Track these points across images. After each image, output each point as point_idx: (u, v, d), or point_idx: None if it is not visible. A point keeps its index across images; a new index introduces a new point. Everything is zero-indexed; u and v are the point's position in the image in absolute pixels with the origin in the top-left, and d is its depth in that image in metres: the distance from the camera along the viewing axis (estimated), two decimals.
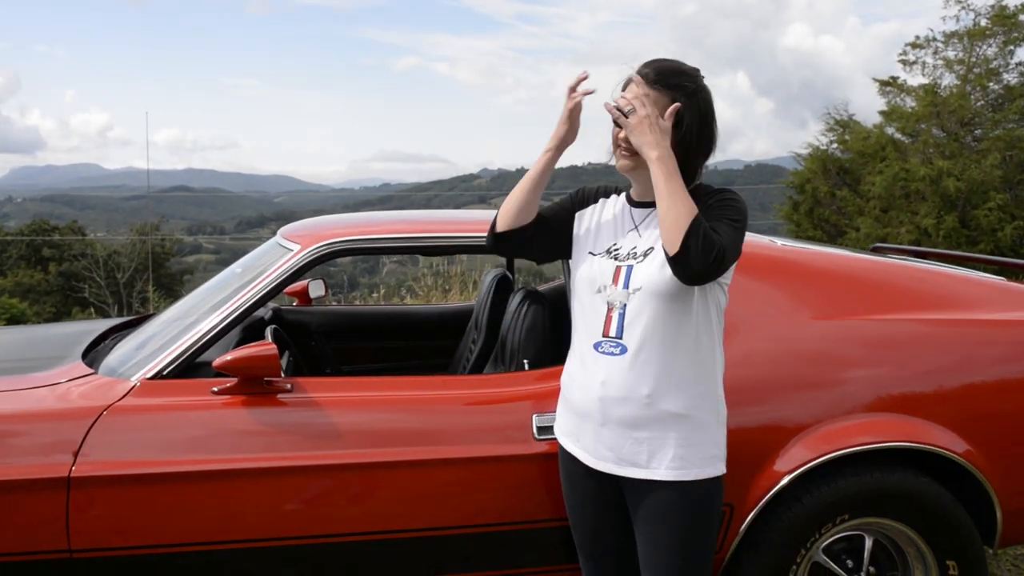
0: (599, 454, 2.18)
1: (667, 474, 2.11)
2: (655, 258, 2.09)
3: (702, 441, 2.12)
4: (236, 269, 3.27)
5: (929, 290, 2.99)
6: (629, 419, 2.12)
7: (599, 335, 2.15)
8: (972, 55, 15.69)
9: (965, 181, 14.13)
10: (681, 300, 2.07)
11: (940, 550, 2.71)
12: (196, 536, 2.43)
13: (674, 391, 2.10)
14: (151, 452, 2.44)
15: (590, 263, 2.22)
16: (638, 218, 2.22)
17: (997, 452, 2.73)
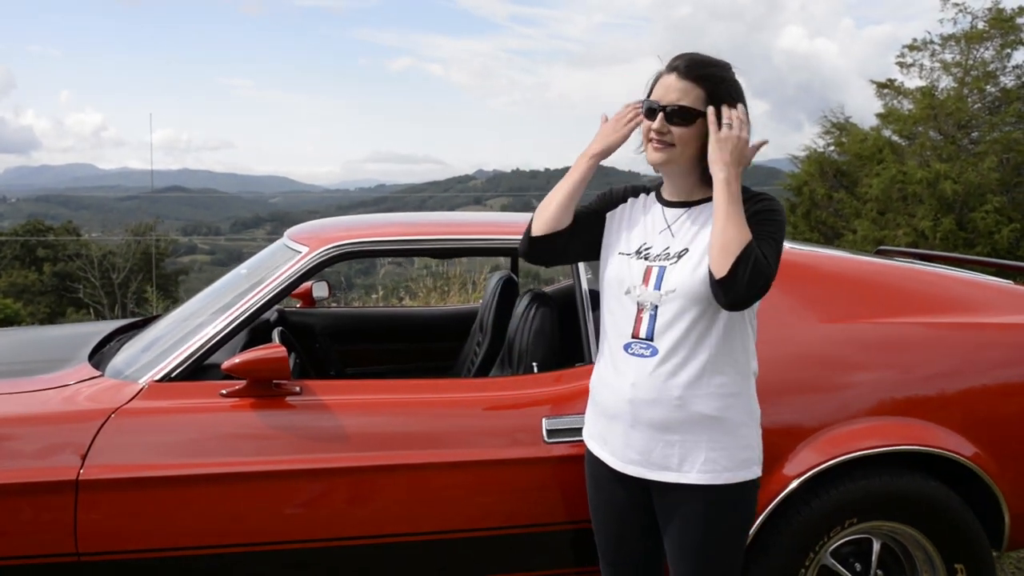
0: (628, 457, 2.16)
1: (698, 478, 2.09)
2: (689, 260, 2.07)
3: (735, 444, 2.10)
4: (242, 271, 3.26)
5: (936, 293, 2.99)
6: (660, 421, 2.09)
7: (629, 336, 2.13)
8: (969, 58, 15.73)
9: (962, 184, 14.16)
10: (715, 303, 2.04)
11: (948, 554, 2.70)
12: (206, 540, 2.42)
13: (706, 393, 2.08)
14: (160, 455, 2.43)
15: (619, 264, 2.19)
16: (671, 218, 2.18)
17: (1005, 455, 2.73)
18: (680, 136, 2.06)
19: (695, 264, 2.05)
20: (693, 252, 2.08)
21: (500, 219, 3.22)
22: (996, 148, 14.52)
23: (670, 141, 2.06)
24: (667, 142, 2.06)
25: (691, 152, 2.09)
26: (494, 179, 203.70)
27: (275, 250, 3.15)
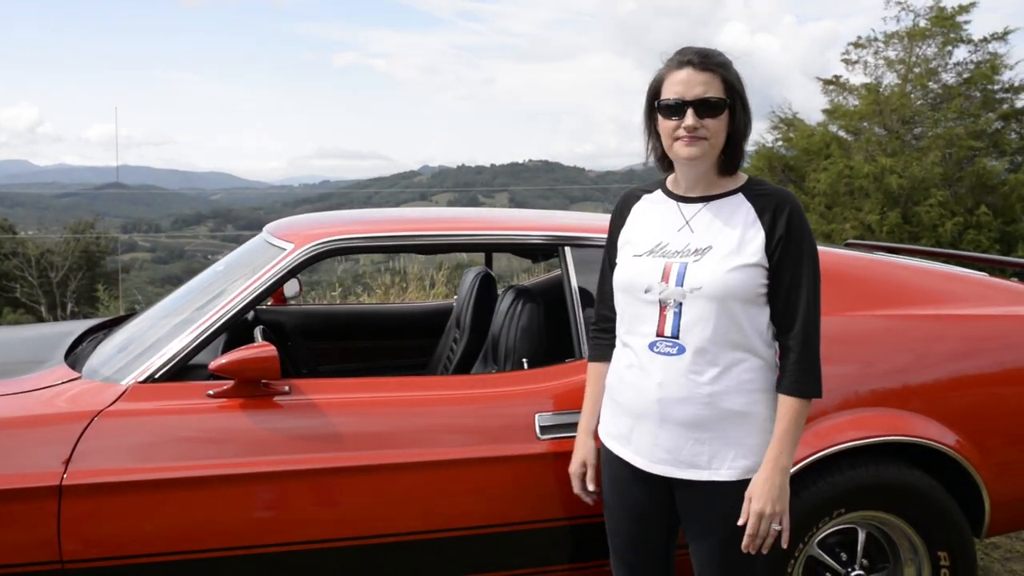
0: (655, 456, 2.13)
1: (729, 474, 2.08)
2: (714, 257, 2.05)
3: (763, 439, 2.09)
4: (218, 268, 3.19)
5: (915, 285, 3.03)
6: (690, 419, 2.08)
7: (653, 335, 2.10)
8: (912, 55, 16.03)
9: (907, 178, 14.44)
10: (742, 301, 2.04)
11: (932, 541, 2.75)
12: (199, 544, 2.36)
13: (735, 389, 2.06)
14: (146, 458, 2.36)
15: (634, 264, 2.15)
16: (688, 213, 2.15)
17: (987, 444, 2.78)
18: (712, 128, 2.03)
19: (720, 262, 2.04)
20: (718, 249, 2.06)
21: (485, 215, 3.20)
22: (939, 143, 14.84)
23: (703, 135, 2.03)
24: (700, 136, 2.03)
25: (721, 142, 2.07)
26: (440, 175, 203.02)
27: (255, 247, 3.08)
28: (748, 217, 2.07)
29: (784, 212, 2.06)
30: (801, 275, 2.05)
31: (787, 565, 2.67)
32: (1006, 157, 14.99)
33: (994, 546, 3.99)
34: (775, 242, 2.04)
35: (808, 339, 2.05)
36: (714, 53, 2.07)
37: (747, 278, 2.03)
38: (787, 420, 2.05)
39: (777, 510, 2.03)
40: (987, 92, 15.34)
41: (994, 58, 15.38)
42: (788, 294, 2.06)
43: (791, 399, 2.05)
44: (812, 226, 12.70)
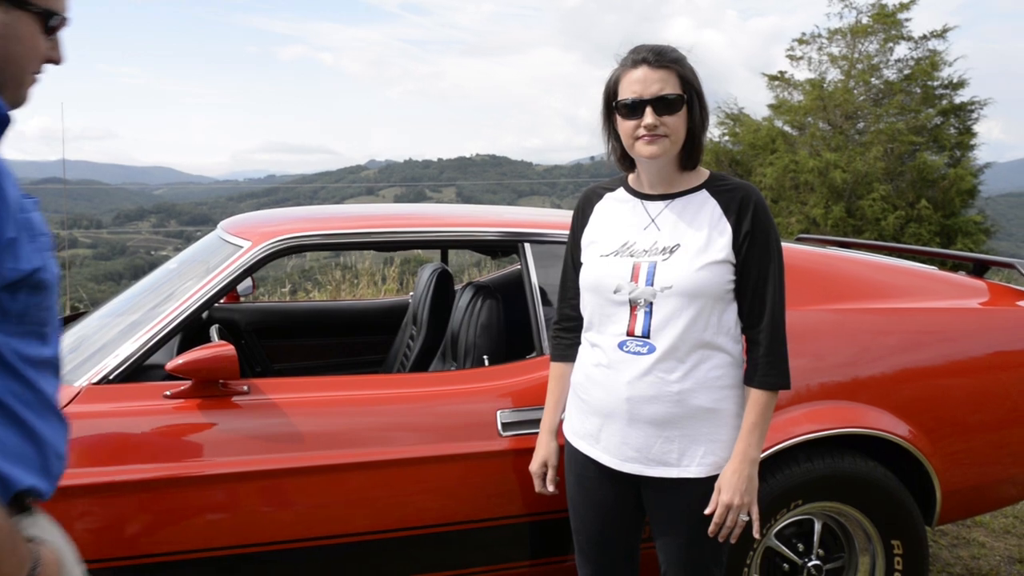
0: (625, 455, 2.14)
1: (699, 471, 2.09)
2: (683, 255, 2.05)
3: (731, 435, 2.11)
4: (171, 266, 3.14)
5: (866, 280, 3.08)
6: (659, 418, 2.08)
7: (623, 334, 2.10)
8: (855, 51, 16.33)
9: (851, 173, 14.72)
10: (712, 298, 2.05)
11: (886, 531, 2.81)
12: (158, 546, 2.32)
13: (703, 386, 2.08)
14: (101, 461, 2.31)
15: (601, 265, 2.15)
16: (653, 211, 2.15)
17: (937, 435, 2.84)
18: (672, 125, 2.03)
19: (690, 260, 2.04)
20: (686, 247, 2.06)
21: (443, 212, 3.18)
22: (881, 138, 15.13)
23: (663, 132, 2.03)
24: (660, 134, 2.03)
25: (681, 139, 2.07)
26: (386, 169, 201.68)
27: (210, 244, 3.03)
28: (714, 214, 2.08)
29: (750, 208, 2.07)
30: (768, 269, 2.07)
31: (746, 556, 2.70)
32: (946, 152, 15.34)
33: (942, 533, 4.08)
34: (742, 238, 2.06)
35: (775, 332, 2.08)
36: (668, 50, 2.07)
37: (716, 275, 2.04)
38: (756, 413, 2.08)
39: (745, 501, 2.06)
40: (927, 88, 15.68)
41: (933, 55, 15.72)
42: (756, 288, 2.08)
43: (760, 392, 2.08)
44: None
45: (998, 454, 3.00)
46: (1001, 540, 4.02)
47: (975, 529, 4.13)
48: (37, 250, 1.34)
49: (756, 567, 2.77)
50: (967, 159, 15.60)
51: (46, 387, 1.42)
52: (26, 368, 1.37)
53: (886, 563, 2.83)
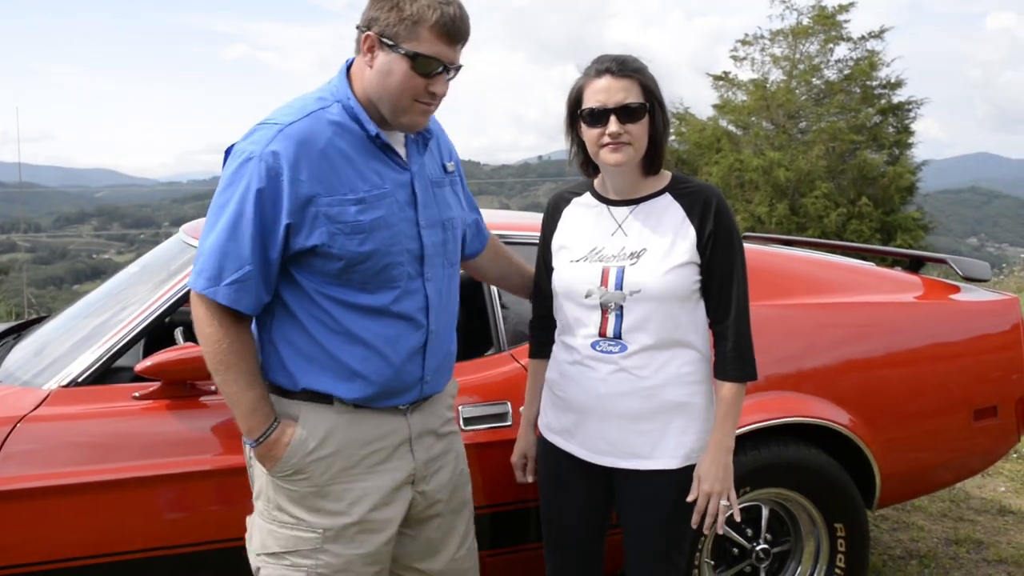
0: (599, 448, 2.22)
1: (668, 463, 2.18)
2: (650, 259, 2.13)
3: (701, 427, 2.20)
4: (133, 270, 3.17)
5: (807, 276, 3.23)
6: (632, 412, 2.17)
7: (596, 336, 2.18)
8: (796, 52, 16.72)
9: (794, 171, 15.09)
10: (680, 299, 2.14)
11: (829, 515, 2.94)
12: (129, 544, 2.37)
13: (675, 382, 2.17)
14: (72, 463, 2.35)
15: (571, 270, 2.22)
16: (619, 217, 2.23)
17: (876, 422, 2.99)
18: (635, 133, 2.10)
19: (657, 264, 2.13)
20: (652, 251, 2.14)
21: None
22: (823, 137, 15.52)
23: (626, 140, 2.10)
24: (623, 142, 2.10)
25: (644, 146, 2.14)
26: None
27: (172, 248, 3.08)
28: (677, 217, 2.17)
29: (712, 208, 2.15)
30: (732, 266, 2.17)
31: (698, 543, 2.82)
32: (885, 150, 15.78)
33: (883, 518, 4.25)
34: (706, 239, 2.14)
35: (741, 326, 2.18)
36: (631, 59, 2.15)
37: (683, 277, 2.13)
38: (727, 404, 2.17)
39: (724, 487, 2.16)
40: (866, 88, 16.13)
41: (872, 55, 16.16)
42: (721, 286, 2.17)
43: (730, 384, 2.17)
44: None
45: (934, 441, 3.16)
46: (939, 523, 4.20)
47: (914, 513, 4.31)
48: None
49: (708, 552, 2.89)
50: (905, 157, 16.08)
51: (356, 327, 1.96)
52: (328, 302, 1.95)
53: (830, 545, 2.97)
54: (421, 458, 2.12)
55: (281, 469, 1.98)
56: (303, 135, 1.88)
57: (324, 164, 1.89)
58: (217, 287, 1.89)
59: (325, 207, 1.88)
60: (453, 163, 2.20)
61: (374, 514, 2.03)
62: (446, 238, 2.10)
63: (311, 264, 1.93)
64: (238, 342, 1.93)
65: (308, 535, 2.00)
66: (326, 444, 1.99)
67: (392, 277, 1.97)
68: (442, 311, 2.09)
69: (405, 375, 2.03)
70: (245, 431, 1.97)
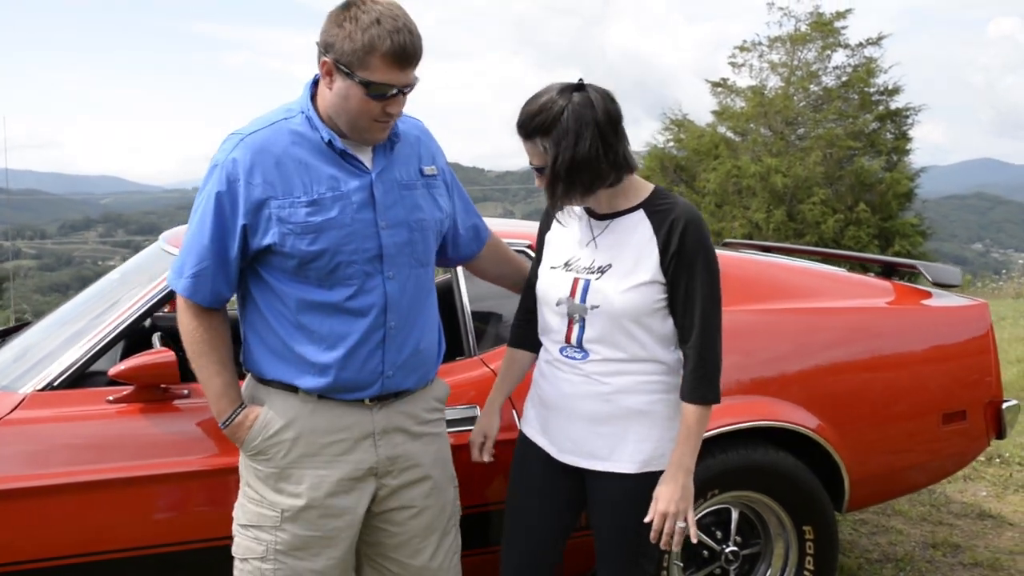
0: (564, 447, 2.29)
1: (627, 467, 2.22)
2: (612, 277, 2.18)
3: (662, 435, 2.23)
4: (114, 276, 3.23)
5: (780, 282, 3.27)
6: (593, 415, 2.23)
7: (563, 341, 2.26)
8: (794, 59, 16.78)
9: (791, 177, 15.12)
10: (642, 315, 2.18)
11: (798, 517, 2.98)
12: (101, 545, 2.42)
13: (636, 391, 2.21)
14: (46, 464, 2.40)
15: (550, 276, 2.29)
16: (596, 230, 2.26)
17: (845, 427, 3.03)
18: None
19: (618, 282, 2.17)
20: (616, 268, 2.19)
21: None
22: (820, 143, 15.56)
23: (560, 194, 2.15)
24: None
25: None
26: None
27: (151, 255, 3.13)
28: (645, 235, 2.19)
29: (679, 228, 2.15)
30: (695, 288, 2.16)
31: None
32: (882, 156, 15.83)
33: (862, 522, 4.29)
34: (669, 258, 2.15)
35: (704, 348, 2.17)
36: (531, 115, 2.11)
37: (643, 296, 2.16)
38: (688, 425, 2.18)
39: (681, 508, 2.16)
40: (864, 94, 16.18)
41: (869, 62, 16.21)
42: (684, 306, 2.18)
43: (690, 406, 2.18)
44: None
45: (902, 444, 3.19)
46: (918, 527, 4.23)
47: (894, 517, 4.34)
48: None
49: (678, 554, 2.92)
50: (903, 163, 16.11)
51: (310, 322, 2.10)
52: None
53: (799, 547, 3.01)
54: (385, 453, 2.21)
55: (247, 449, 2.17)
56: (260, 144, 2.05)
57: (278, 170, 2.04)
58: (179, 280, 2.13)
59: (276, 209, 2.04)
60: (435, 167, 2.29)
61: (331, 500, 2.15)
62: (412, 239, 2.18)
63: (271, 262, 2.09)
64: (209, 332, 2.14)
65: (269, 513, 2.16)
66: (287, 430, 2.14)
67: (347, 275, 2.09)
68: (406, 309, 2.18)
69: (364, 369, 2.14)
70: (215, 413, 2.17)
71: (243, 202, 2.03)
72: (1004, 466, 5.10)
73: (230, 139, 2.09)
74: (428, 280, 2.27)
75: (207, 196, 2.07)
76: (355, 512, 2.18)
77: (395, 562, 2.30)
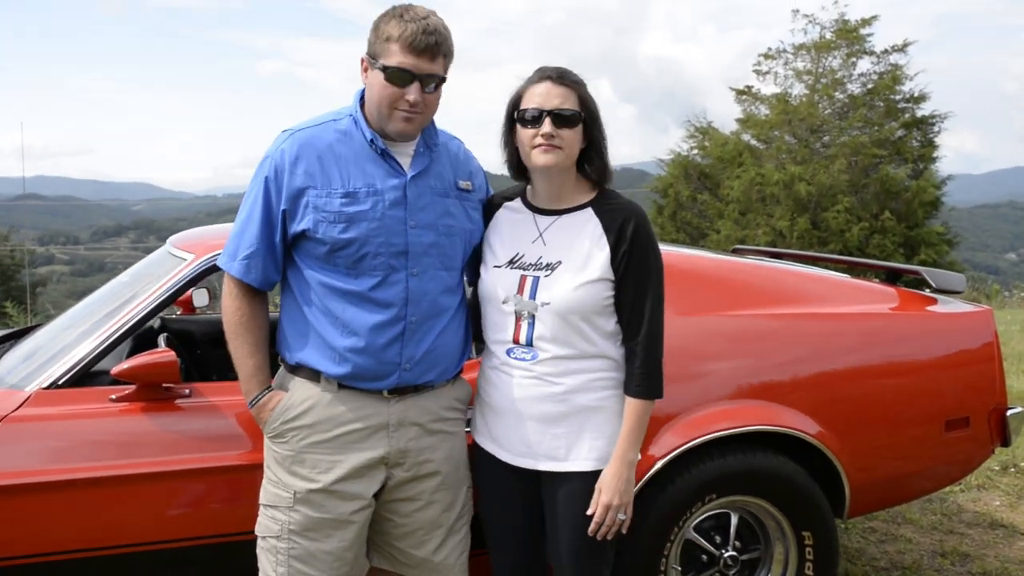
0: (518, 450, 2.30)
1: (584, 465, 2.24)
2: (563, 273, 2.21)
3: (614, 432, 2.25)
4: (123, 279, 3.28)
5: (784, 288, 3.27)
6: (546, 416, 2.24)
7: (510, 342, 2.27)
8: (819, 66, 16.69)
9: (815, 185, 15.03)
10: (591, 312, 2.21)
11: (797, 523, 2.97)
12: (100, 541, 2.46)
13: (587, 388, 2.24)
14: (50, 461, 2.46)
15: (494, 275, 2.31)
16: (542, 225, 2.30)
17: (846, 433, 3.02)
18: (567, 138, 2.19)
19: (568, 278, 2.20)
20: (566, 265, 2.22)
21: None
22: (845, 151, 15.46)
23: (558, 144, 2.18)
24: (555, 145, 2.18)
25: (575, 153, 2.23)
26: None
27: (158, 258, 3.19)
28: (595, 233, 2.23)
29: (629, 227, 2.21)
30: (646, 286, 2.22)
31: (664, 548, 2.86)
32: (908, 164, 15.70)
33: (871, 530, 4.26)
34: (619, 257, 2.20)
35: (651, 345, 2.23)
36: (571, 72, 2.25)
37: (593, 293, 2.20)
38: (633, 419, 2.23)
39: (624, 501, 2.21)
40: (889, 102, 16.06)
41: (895, 69, 16.09)
42: (633, 304, 2.23)
43: (636, 400, 2.23)
44: (727, 232, 13.12)
45: (904, 451, 3.17)
46: (928, 536, 4.20)
47: (904, 526, 4.31)
48: None
49: (676, 558, 2.93)
50: (930, 171, 15.97)
51: (334, 307, 2.22)
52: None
53: (798, 553, 3.00)
54: (397, 445, 2.29)
55: (267, 431, 2.33)
56: (306, 139, 2.25)
57: (319, 163, 2.23)
58: (232, 262, 2.30)
59: (314, 198, 2.21)
60: (471, 184, 2.42)
61: (341, 485, 2.27)
62: (439, 241, 2.28)
63: (305, 248, 2.26)
64: (248, 315, 2.32)
65: (284, 494, 2.29)
66: (305, 416, 2.28)
67: (372, 266, 2.22)
68: (427, 306, 2.28)
69: (382, 360, 2.25)
70: (243, 392, 2.34)
71: (285, 189, 2.22)
72: (1019, 475, 5.05)
73: (282, 135, 2.29)
74: (454, 283, 2.36)
75: (257, 184, 2.26)
76: (364, 497, 2.29)
77: (400, 551, 2.40)
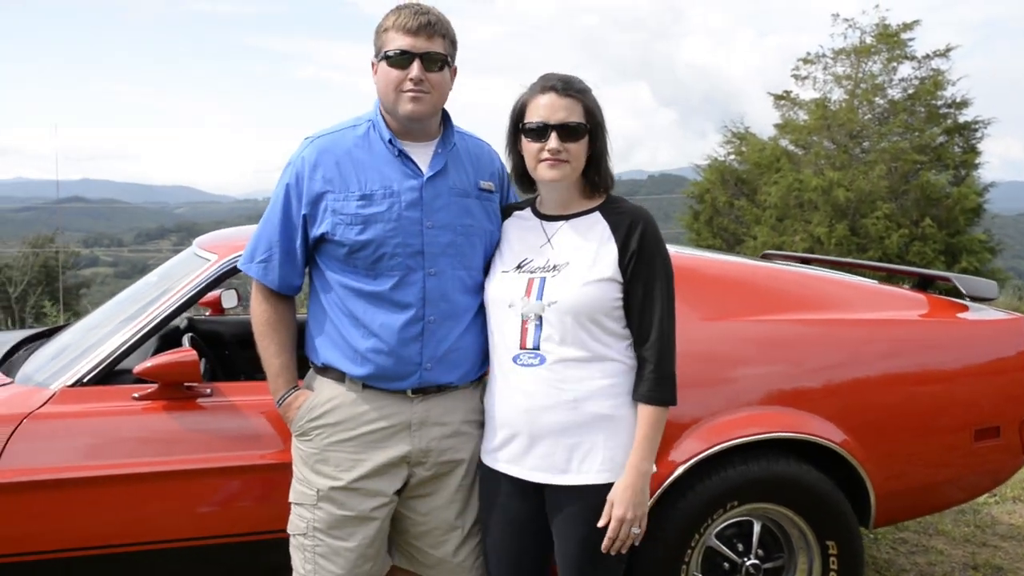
0: (529, 464, 2.23)
1: (597, 477, 2.18)
2: (571, 272, 2.18)
3: (630, 440, 2.20)
4: (152, 279, 3.32)
5: (812, 293, 3.23)
6: (559, 426, 2.18)
7: (517, 348, 2.22)
8: (859, 71, 16.48)
9: (854, 191, 14.82)
10: (599, 313, 2.17)
11: (821, 532, 2.93)
12: (122, 538, 2.50)
13: (598, 394, 2.18)
14: (72, 457, 2.50)
15: (500, 280, 2.29)
16: (550, 231, 2.29)
17: (872, 441, 2.97)
18: (573, 151, 2.18)
19: (576, 277, 2.17)
20: (574, 264, 2.19)
21: None
22: (885, 157, 15.24)
23: (564, 158, 2.17)
24: (561, 159, 2.17)
25: (581, 165, 2.22)
26: None
27: (184, 258, 3.22)
28: (603, 234, 2.21)
29: (637, 229, 2.19)
30: (654, 289, 2.18)
31: (684, 555, 2.83)
32: (949, 171, 15.43)
33: (902, 541, 4.19)
34: (628, 257, 2.18)
35: (663, 350, 2.18)
36: (576, 80, 2.22)
37: (601, 292, 2.17)
38: (646, 427, 2.17)
39: (638, 514, 2.16)
40: (931, 107, 15.80)
41: (937, 74, 15.83)
42: (642, 307, 2.19)
43: (648, 407, 2.18)
44: (764, 238, 12.97)
45: (936, 459, 3.12)
46: (960, 548, 4.13)
47: (935, 537, 4.24)
48: None
49: (697, 566, 2.90)
50: (972, 178, 15.69)
51: (355, 309, 2.27)
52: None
53: (822, 563, 2.95)
54: (420, 445, 2.31)
55: (294, 429, 2.37)
56: (325, 145, 2.32)
57: (338, 168, 2.28)
58: (250, 264, 2.38)
59: (332, 202, 2.26)
60: (493, 185, 2.43)
61: (363, 482, 2.30)
62: (456, 241, 2.30)
63: (325, 251, 2.31)
64: (275, 316, 2.37)
65: (308, 492, 2.33)
66: (330, 415, 2.31)
67: (390, 266, 2.25)
68: (446, 306, 2.30)
69: (403, 359, 2.27)
70: (271, 391, 2.38)
71: (305, 194, 2.28)
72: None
73: (304, 142, 2.36)
74: (474, 283, 2.36)
75: (280, 190, 2.33)
76: (386, 494, 2.31)
77: (418, 549, 2.41)
